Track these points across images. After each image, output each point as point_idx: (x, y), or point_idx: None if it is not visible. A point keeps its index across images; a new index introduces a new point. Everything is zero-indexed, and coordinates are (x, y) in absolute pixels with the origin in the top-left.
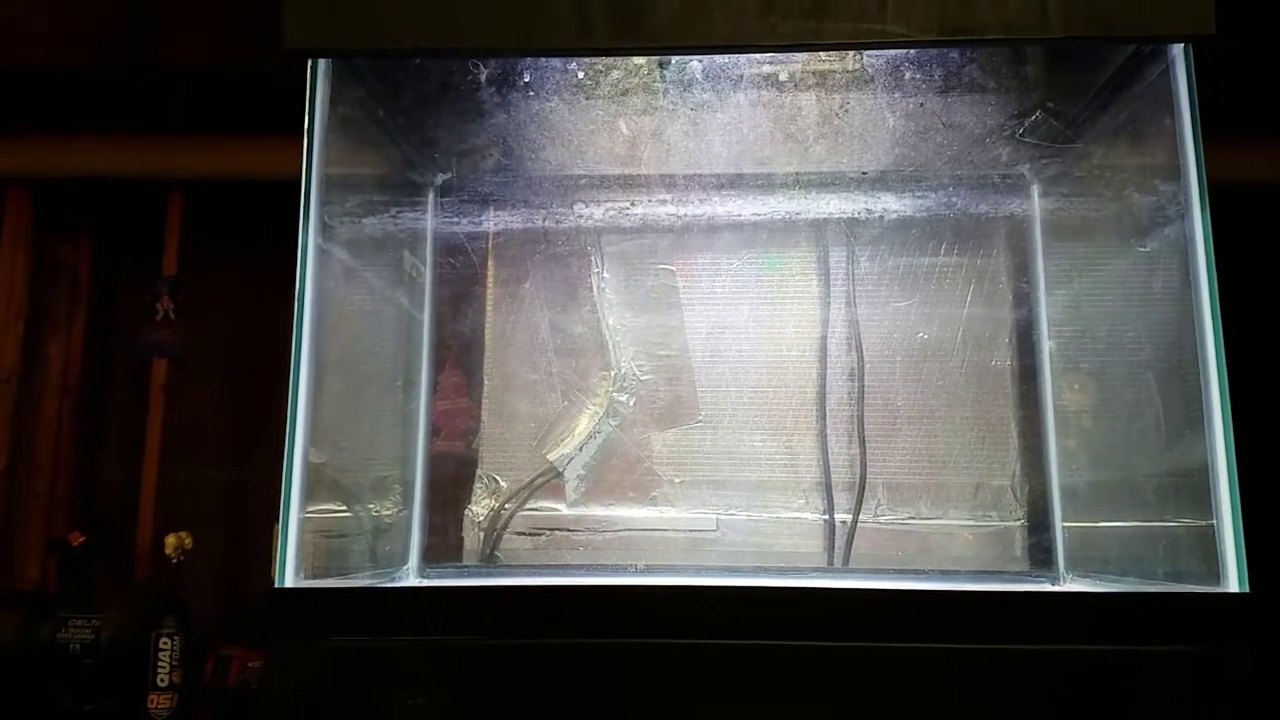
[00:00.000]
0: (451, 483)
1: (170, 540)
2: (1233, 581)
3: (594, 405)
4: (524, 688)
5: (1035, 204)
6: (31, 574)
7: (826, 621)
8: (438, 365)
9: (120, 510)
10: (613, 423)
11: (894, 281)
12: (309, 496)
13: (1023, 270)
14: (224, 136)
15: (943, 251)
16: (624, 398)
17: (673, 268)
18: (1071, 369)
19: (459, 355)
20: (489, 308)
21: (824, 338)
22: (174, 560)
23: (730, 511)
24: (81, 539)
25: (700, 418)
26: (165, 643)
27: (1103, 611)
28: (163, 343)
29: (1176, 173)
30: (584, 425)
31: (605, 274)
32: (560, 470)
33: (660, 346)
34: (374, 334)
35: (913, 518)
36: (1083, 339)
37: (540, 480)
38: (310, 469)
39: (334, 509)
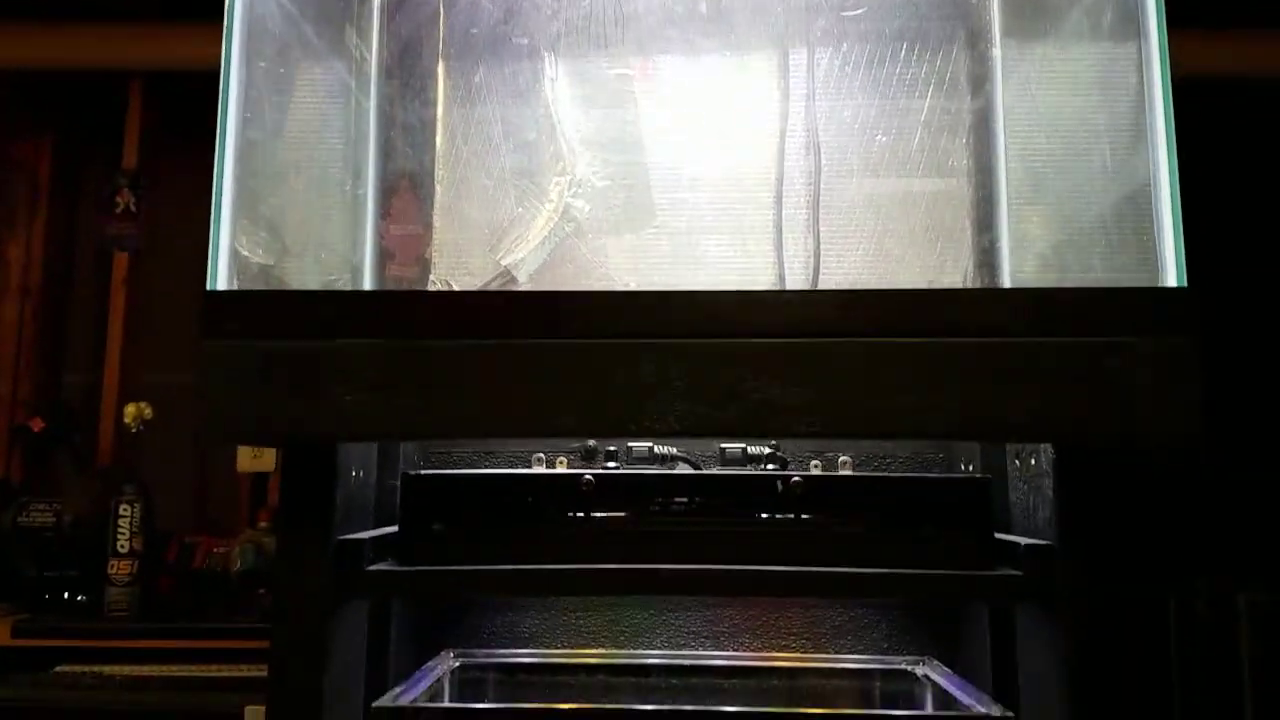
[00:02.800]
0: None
1: (130, 410)
2: (1171, 278)
3: (549, 210)
4: (461, 380)
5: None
6: None
7: (777, 321)
8: (390, 190)
9: (84, 408)
10: (568, 228)
11: (854, 82)
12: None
13: (982, 70)
14: (184, 25)
15: (904, 52)
16: (579, 203)
17: (629, 70)
18: (1029, 172)
19: (412, 177)
20: (439, 112)
21: (782, 139)
22: (134, 430)
23: None
24: (43, 425)
25: (656, 222)
26: (125, 509)
27: (1051, 306)
28: (122, 236)
29: None
30: (538, 230)
31: (559, 75)
32: (513, 275)
33: (616, 150)
34: (319, 123)
35: None
36: (1038, 135)
37: (493, 285)
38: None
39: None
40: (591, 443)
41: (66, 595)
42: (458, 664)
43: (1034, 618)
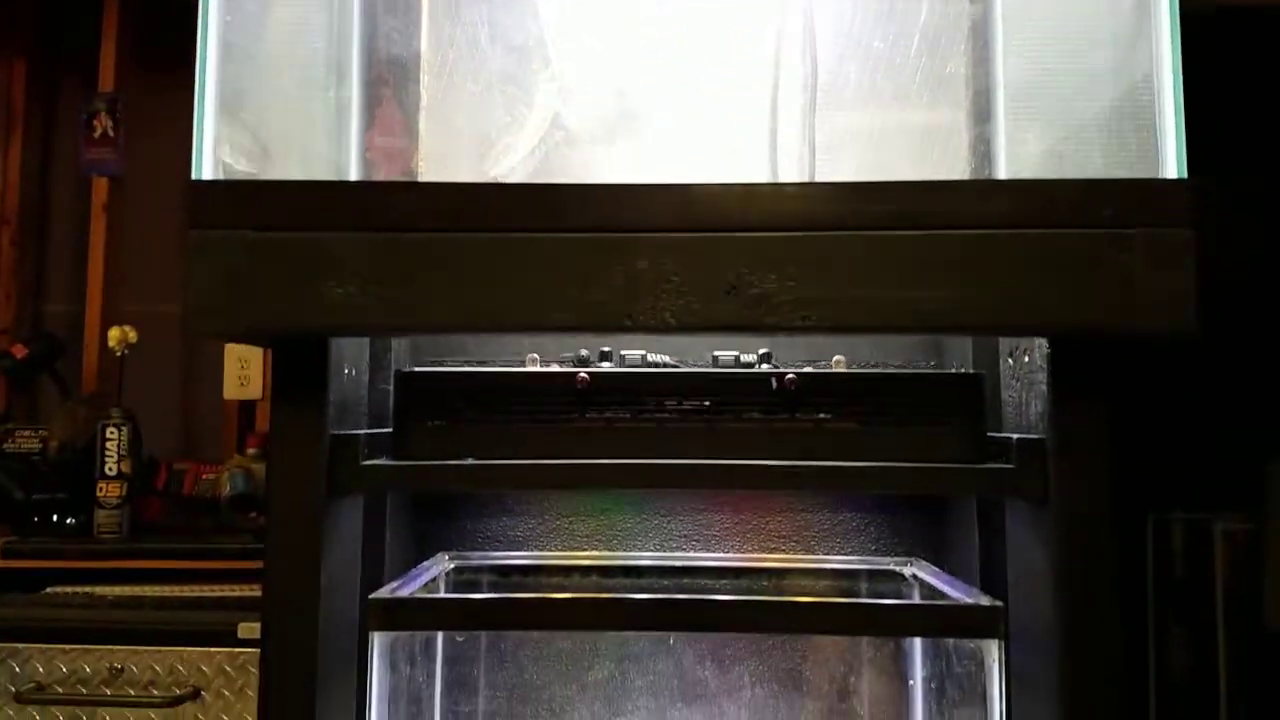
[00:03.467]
0: None
1: (114, 333)
2: (1171, 169)
3: (537, 118)
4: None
5: None
6: None
7: (775, 213)
8: (375, 99)
9: (68, 336)
10: (557, 136)
11: None
12: None
13: None
14: None
15: None
16: (569, 110)
17: None
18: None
19: (397, 85)
20: (425, 16)
21: (778, 39)
22: (118, 353)
23: None
24: (25, 351)
25: (648, 130)
26: (112, 432)
27: (1051, 197)
28: (102, 161)
29: None
30: (527, 139)
31: None
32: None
33: (607, 56)
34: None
35: None
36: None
37: None
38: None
39: None
40: (584, 352)
41: (55, 518)
42: (452, 565)
43: (1024, 511)
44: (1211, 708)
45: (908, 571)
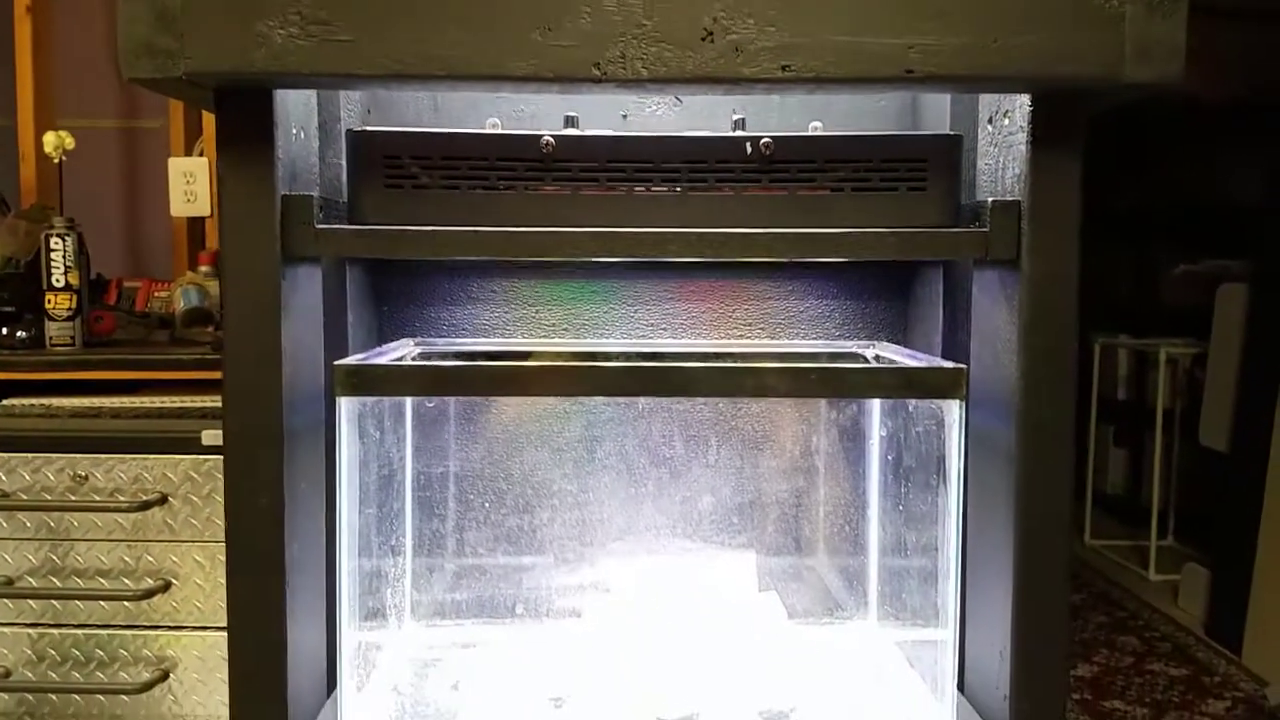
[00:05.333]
0: None
1: (49, 138)
2: None
3: None
4: None
5: None
6: None
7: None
8: None
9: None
10: None
11: None
12: None
13: None
14: None
15: None
16: None
17: None
18: None
19: None
20: None
21: None
22: (56, 160)
23: None
24: None
25: None
26: (56, 243)
27: None
28: None
29: None
30: None
31: None
32: None
33: None
34: None
35: None
36: None
37: None
38: None
39: None
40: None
41: (5, 332)
42: (418, 350)
43: (992, 281)
44: (1143, 521)
45: (870, 352)
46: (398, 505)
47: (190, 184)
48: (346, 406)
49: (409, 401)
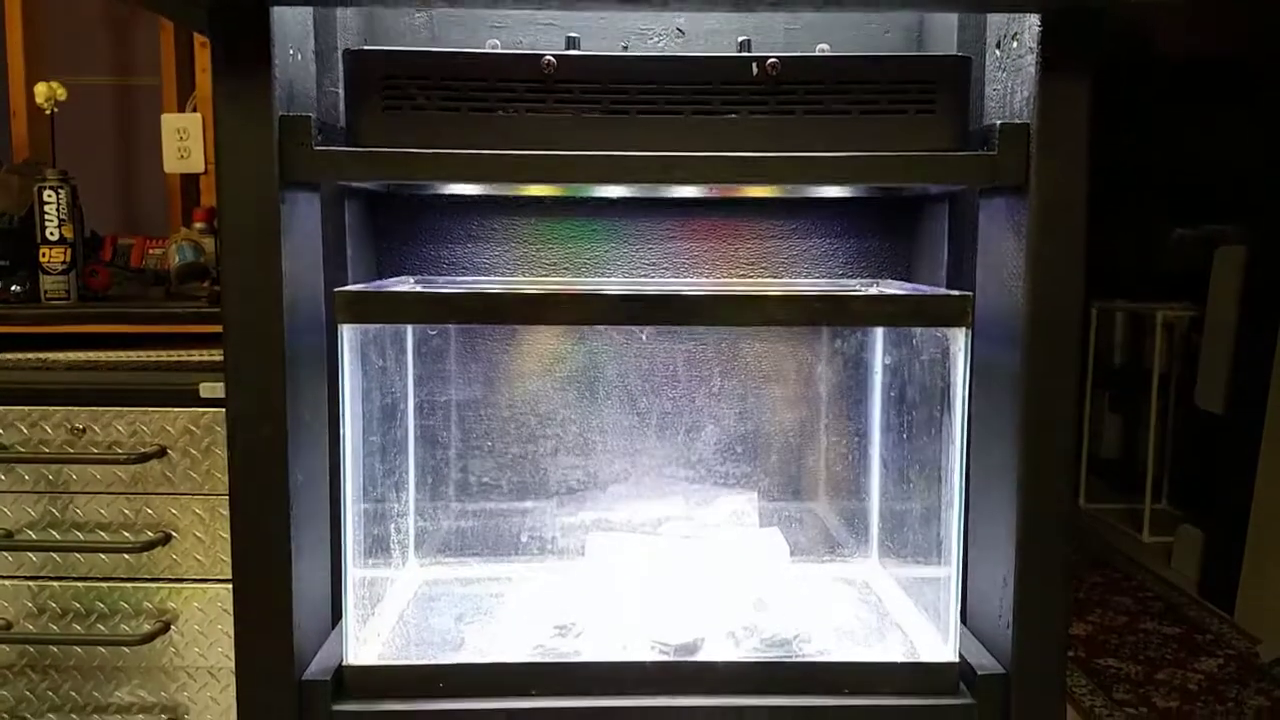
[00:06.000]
0: None
1: (41, 89)
2: None
3: None
4: None
5: None
6: None
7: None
8: None
9: None
10: None
11: None
12: None
13: None
14: None
15: None
16: None
17: None
18: None
19: None
20: None
21: None
22: (48, 112)
23: None
24: None
25: None
26: (50, 195)
27: None
28: None
29: None
30: None
31: None
32: None
33: None
34: None
35: None
36: None
37: None
38: None
39: None
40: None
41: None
42: (418, 287)
43: (999, 209)
44: (1138, 485)
45: (874, 290)
46: (400, 434)
47: (184, 140)
48: (349, 334)
49: (410, 335)
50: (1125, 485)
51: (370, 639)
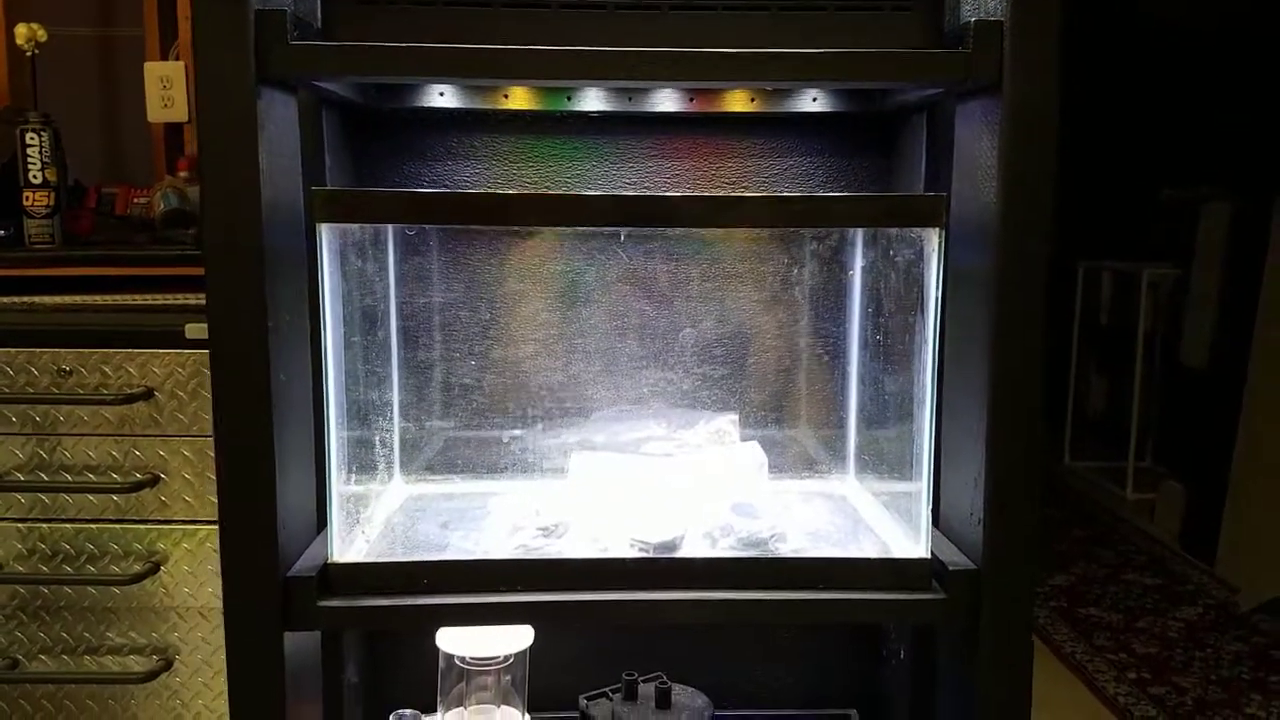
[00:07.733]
0: None
1: (21, 30)
2: None
3: None
4: None
5: None
6: None
7: None
8: None
9: None
10: None
11: None
12: None
13: None
14: None
15: None
16: None
17: None
18: None
19: None
20: None
21: None
22: (28, 53)
23: None
24: None
25: None
26: (32, 138)
27: None
28: None
29: None
30: None
31: None
32: None
33: None
34: None
35: None
36: None
37: None
38: None
39: None
40: None
41: None
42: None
43: (973, 113)
44: (1123, 445)
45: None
46: (383, 340)
47: (167, 89)
48: (327, 234)
49: (390, 238)
50: (1111, 444)
51: (356, 541)
